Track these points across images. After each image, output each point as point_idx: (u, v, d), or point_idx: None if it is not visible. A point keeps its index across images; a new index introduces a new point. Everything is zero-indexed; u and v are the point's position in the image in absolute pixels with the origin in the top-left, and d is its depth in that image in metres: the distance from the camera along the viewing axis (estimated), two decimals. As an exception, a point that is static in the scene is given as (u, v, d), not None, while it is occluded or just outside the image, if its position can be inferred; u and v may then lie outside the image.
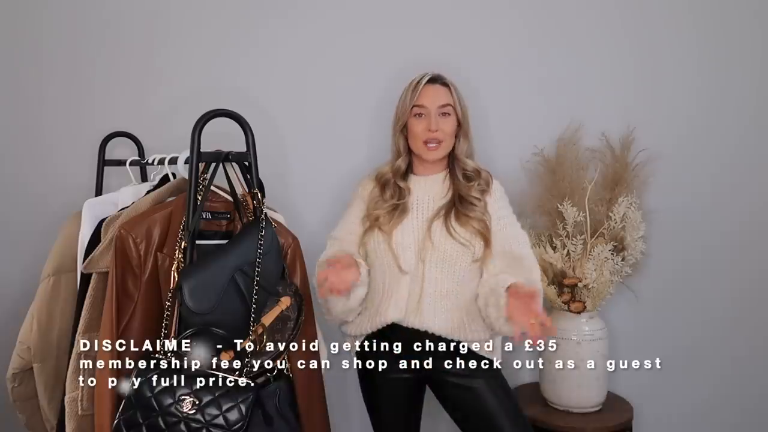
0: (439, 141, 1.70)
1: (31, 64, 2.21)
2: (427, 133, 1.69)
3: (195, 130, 1.58)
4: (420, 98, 1.70)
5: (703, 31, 2.12)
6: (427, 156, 1.72)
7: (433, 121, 1.69)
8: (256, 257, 1.56)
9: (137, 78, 2.19)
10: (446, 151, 1.73)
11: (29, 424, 1.87)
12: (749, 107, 2.13)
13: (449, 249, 1.67)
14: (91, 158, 2.13)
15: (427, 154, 1.71)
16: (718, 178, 2.14)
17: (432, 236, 1.67)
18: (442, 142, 1.70)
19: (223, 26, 2.18)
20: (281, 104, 2.16)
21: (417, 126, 1.70)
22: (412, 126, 1.72)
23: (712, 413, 2.20)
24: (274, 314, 1.58)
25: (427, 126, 1.69)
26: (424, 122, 1.69)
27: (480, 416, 1.65)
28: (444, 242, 1.67)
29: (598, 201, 2.05)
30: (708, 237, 2.15)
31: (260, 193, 1.67)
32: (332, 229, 1.79)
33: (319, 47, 2.16)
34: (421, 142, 1.70)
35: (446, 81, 1.74)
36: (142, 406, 1.42)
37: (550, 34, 2.14)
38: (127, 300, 1.55)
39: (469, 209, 1.68)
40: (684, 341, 2.18)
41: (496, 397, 1.65)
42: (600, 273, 1.96)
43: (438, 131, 1.69)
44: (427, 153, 1.71)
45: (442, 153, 1.72)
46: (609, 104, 2.13)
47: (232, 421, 1.43)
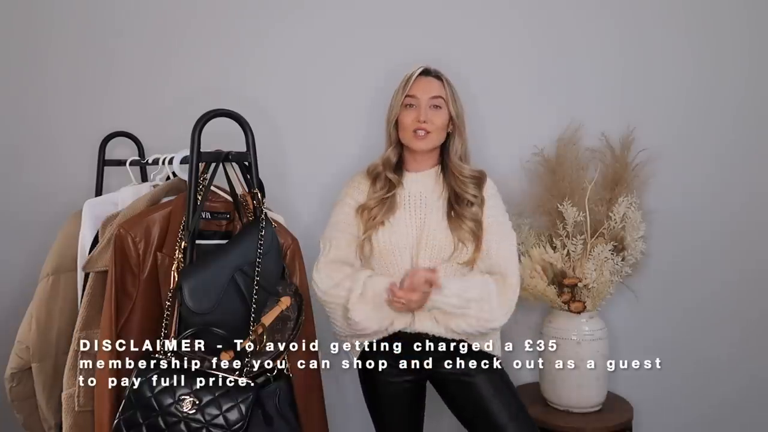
0: (427, 132, 1.68)
1: (31, 64, 2.21)
2: (416, 123, 1.68)
3: (195, 130, 1.58)
4: (412, 89, 1.69)
5: (702, 31, 2.12)
6: (415, 146, 1.70)
7: (422, 111, 1.68)
8: (256, 257, 1.56)
9: (137, 78, 2.19)
10: (434, 143, 1.72)
11: (27, 424, 1.87)
12: (749, 107, 2.13)
13: (444, 248, 1.66)
14: (91, 158, 2.12)
15: (414, 144, 1.69)
16: (718, 178, 2.14)
17: (426, 234, 1.67)
18: (430, 133, 1.69)
19: (224, 26, 2.18)
20: (281, 104, 2.16)
21: (407, 117, 1.69)
22: (402, 117, 1.70)
23: (711, 413, 2.19)
24: (274, 314, 1.58)
25: (417, 116, 1.68)
26: (414, 113, 1.68)
27: (479, 410, 1.64)
28: (438, 241, 1.66)
29: (598, 201, 2.04)
30: (708, 237, 2.15)
31: (260, 193, 1.67)
32: (325, 231, 1.75)
33: (319, 47, 2.16)
34: (410, 132, 1.69)
35: (439, 74, 1.73)
36: (142, 406, 1.42)
37: (550, 34, 2.14)
38: (125, 299, 1.55)
39: (465, 208, 1.68)
40: (684, 341, 2.18)
41: (496, 391, 1.64)
42: (600, 273, 1.96)
43: (427, 122, 1.68)
44: (415, 142, 1.69)
45: (430, 144, 1.70)
46: (609, 104, 2.13)
47: (232, 421, 1.43)
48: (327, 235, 1.74)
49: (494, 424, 1.62)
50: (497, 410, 1.63)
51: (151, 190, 1.72)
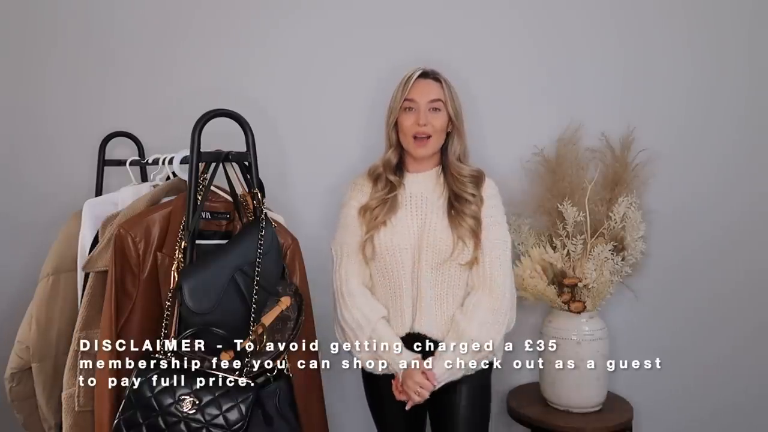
0: (427, 135, 1.69)
1: (31, 64, 2.21)
2: (415, 127, 1.68)
3: (195, 130, 1.58)
4: (410, 92, 1.70)
5: (703, 31, 2.12)
6: (416, 152, 1.71)
7: (422, 115, 1.68)
8: (257, 257, 1.56)
9: (137, 78, 2.19)
10: (434, 148, 1.73)
11: (26, 424, 1.87)
12: (749, 107, 2.13)
13: (445, 247, 1.66)
14: (92, 158, 2.13)
15: (415, 151, 1.71)
16: (718, 177, 2.14)
17: (427, 234, 1.67)
18: (430, 137, 1.69)
19: (224, 26, 2.17)
20: (281, 104, 2.16)
21: (406, 120, 1.70)
22: (401, 120, 1.71)
23: (711, 413, 2.19)
24: (274, 314, 1.58)
25: (416, 120, 1.68)
26: (414, 116, 1.69)
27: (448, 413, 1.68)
28: (439, 240, 1.67)
29: (598, 201, 2.04)
30: (708, 237, 2.15)
31: (260, 193, 1.67)
32: (335, 236, 1.76)
33: (319, 47, 2.16)
34: (410, 137, 1.70)
35: (438, 76, 1.73)
36: (142, 406, 1.41)
37: (551, 34, 2.14)
38: (125, 299, 1.55)
39: (465, 206, 1.68)
40: (684, 341, 2.18)
41: (468, 407, 1.67)
42: (600, 273, 1.96)
43: (427, 125, 1.68)
44: (415, 149, 1.71)
45: (430, 150, 1.72)
46: (609, 104, 2.13)
47: (232, 421, 1.43)
48: (338, 239, 1.75)
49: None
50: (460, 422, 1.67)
51: (151, 190, 1.72)
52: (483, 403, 1.72)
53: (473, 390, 1.67)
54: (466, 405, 1.66)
